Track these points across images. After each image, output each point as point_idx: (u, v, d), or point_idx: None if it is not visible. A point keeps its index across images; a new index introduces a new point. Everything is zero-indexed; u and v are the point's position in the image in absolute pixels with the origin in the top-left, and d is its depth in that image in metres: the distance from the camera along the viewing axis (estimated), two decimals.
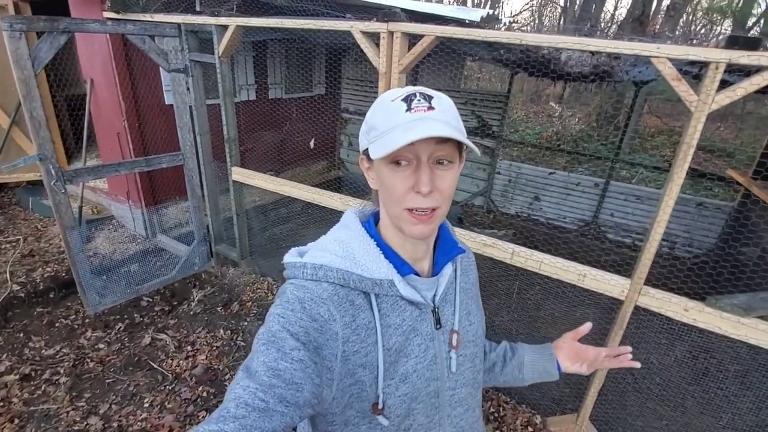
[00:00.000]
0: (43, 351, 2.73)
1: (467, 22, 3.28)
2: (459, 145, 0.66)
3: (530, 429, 2.44)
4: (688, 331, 2.22)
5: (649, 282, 1.90)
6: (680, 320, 1.86)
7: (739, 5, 10.18)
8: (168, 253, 3.97)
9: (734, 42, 1.55)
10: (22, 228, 4.07)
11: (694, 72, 2.46)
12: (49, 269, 3.47)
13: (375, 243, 0.73)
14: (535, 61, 2.29)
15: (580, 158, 7.33)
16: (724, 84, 1.62)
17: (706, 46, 1.64)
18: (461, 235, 2.23)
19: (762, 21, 10.81)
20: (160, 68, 3.58)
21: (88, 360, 2.68)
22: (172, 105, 3.33)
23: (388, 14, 2.10)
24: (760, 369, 2.99)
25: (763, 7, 11.12)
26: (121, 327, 3.02)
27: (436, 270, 0.79)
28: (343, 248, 0.71)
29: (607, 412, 2.48)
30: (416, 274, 0.75)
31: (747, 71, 1.77)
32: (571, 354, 0.96)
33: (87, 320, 3.04)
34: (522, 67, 2.54)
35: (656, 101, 10.52)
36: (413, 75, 5.79)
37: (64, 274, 3.41)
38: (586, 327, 0.95)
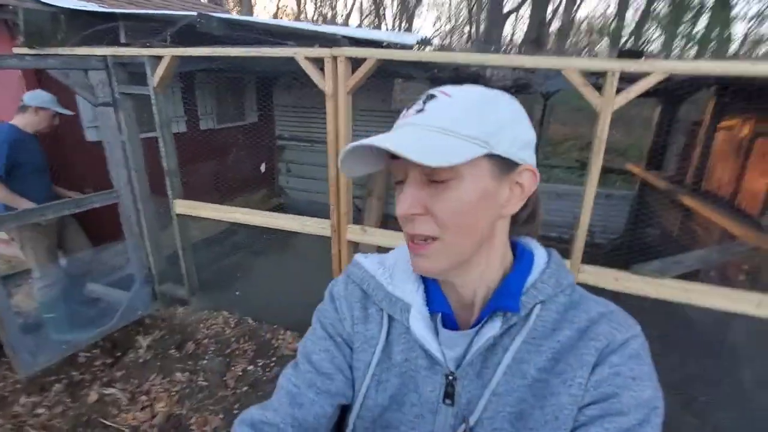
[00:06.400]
0: None
1: (400, 46, 3.56)
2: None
3: None
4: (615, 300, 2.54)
5: None
6: (613, 289, 2.15)
7: (612, 27, 12.20)
8: (104, 302, 3.63)
9: (623, 54, 1.92)
10: None
11: (592, 82, 2.92)
12: None
13: None
14: (465, 77, 2.57)
15: None
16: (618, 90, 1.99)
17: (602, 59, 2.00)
18: None
19: (632, 38, 13.10)
20: (78, 105, 3.36)
21: (29, 428, 2.36)
22: (95, 141, 3.13)
23: (330, 40, 2.24)
24: (679, 327, 3.44)
25: (631, 27, 13.52)
26: (59, 388, 2.71)
27: (476, 323, 0.56)
28: (393, 258, 0.66)
29: None
30: (453, 321, 0.58)
31: (632, 78, 2.17)
32: None
33: (18, 386, 2.68)
34: (453, 84, 2.80)
35: (559, 111, 11.87)
36: None
37: None
38: None
